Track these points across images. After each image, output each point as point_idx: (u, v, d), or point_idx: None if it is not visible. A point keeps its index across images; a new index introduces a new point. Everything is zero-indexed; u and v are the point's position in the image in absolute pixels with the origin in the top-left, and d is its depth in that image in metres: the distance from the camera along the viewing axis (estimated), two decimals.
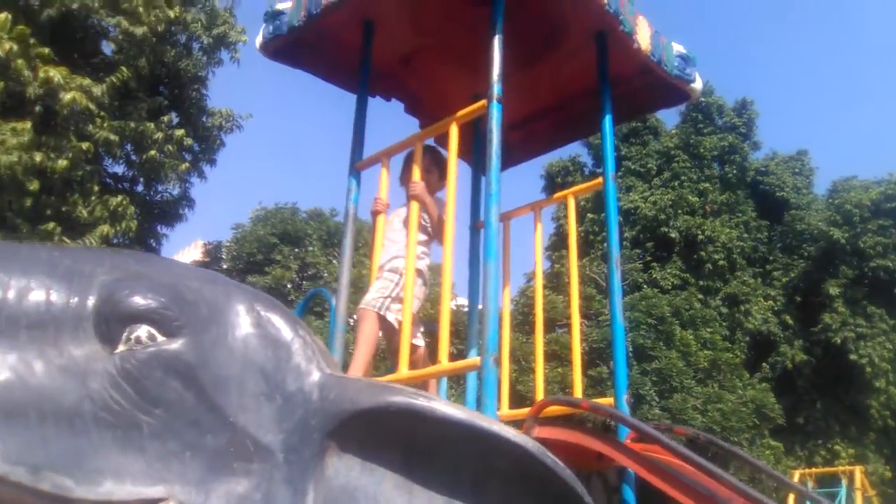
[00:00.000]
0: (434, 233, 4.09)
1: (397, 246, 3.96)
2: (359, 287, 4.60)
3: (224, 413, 1.75)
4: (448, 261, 3.39)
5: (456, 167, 3.45)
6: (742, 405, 19.94)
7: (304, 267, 17.82)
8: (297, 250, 18.70)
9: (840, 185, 28.84)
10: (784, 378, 25.07)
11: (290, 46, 4.19)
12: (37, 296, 1.70)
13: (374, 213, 3.96)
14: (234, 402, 1.78)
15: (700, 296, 24.23)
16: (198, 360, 1.76)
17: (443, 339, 3.15)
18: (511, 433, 1.89)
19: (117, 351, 1.70)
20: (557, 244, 23.07)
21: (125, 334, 1.71)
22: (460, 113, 3.44)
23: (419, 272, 3.89)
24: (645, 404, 18.73)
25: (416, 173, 3.77)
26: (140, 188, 13.52)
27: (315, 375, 1.91)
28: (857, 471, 18.58)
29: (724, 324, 23.99)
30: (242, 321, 1.89)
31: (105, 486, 1.57)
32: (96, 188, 11.43)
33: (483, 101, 3.32)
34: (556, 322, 18.91)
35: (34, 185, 9.97)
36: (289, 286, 17.38)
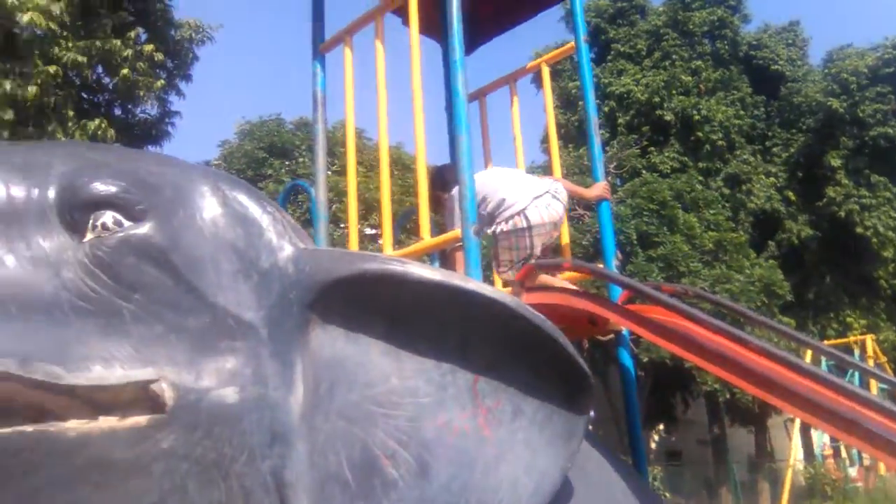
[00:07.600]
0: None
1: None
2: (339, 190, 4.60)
3: (203, 294, 1.73)
4: (420, 139, 3.24)
5: (419, 41, 3.30)
6: (750, 284, 19.74)
7: (297, 179, 17.33)
8: (287, 163, 18.07)
9: (836, 53, 27.93)
10: (791, 254, 24.88)
11: None
12: None
13: None
14: (212, 282, 1.75)
15: (700, 178, 23.70)
16: (169, 242, 1.74)
17: (423, 215, 3.15)
18: (488, 289, 1.88)
19: (86, 239, 1.67)
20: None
21: (91, 222, 1.68)
22: None
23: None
24: None
25: None
26: (118, 111, 12.80)
27: (288, 250, 1.89)
28: (869, 339, 18.72)
29: (726, 204, 23.59)
30: (208, 202, 1.85)
31: (95, 371, 1.54)
32: (71, 113, 10.82)
33: None
34: None
35: (9, 115, 9.49)
36: None
